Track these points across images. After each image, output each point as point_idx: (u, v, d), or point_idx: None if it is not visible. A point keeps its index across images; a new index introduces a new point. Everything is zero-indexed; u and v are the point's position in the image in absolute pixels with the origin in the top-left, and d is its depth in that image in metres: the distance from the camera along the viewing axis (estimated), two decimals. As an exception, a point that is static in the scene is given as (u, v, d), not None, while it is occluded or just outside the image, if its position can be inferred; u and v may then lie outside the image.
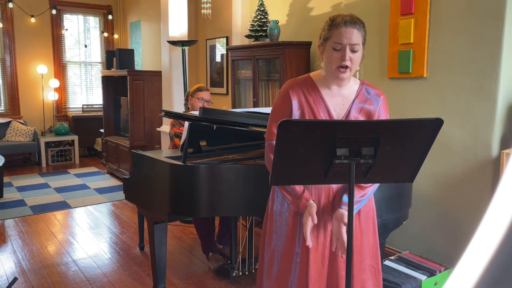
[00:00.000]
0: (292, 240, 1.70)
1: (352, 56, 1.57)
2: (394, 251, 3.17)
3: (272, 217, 1.76)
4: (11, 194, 5.20)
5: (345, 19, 1.56)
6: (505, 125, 2.62)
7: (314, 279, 1.68)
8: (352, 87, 1.68)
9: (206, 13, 4.37)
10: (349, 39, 1.55)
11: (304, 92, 1.66)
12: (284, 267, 1.72)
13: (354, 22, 1.56)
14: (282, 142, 1.34)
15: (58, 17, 7.42)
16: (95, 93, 7.89)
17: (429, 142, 1.38)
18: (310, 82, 1.68)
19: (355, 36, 1.55)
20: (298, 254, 1.69)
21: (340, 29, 1.55)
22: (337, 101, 1.66)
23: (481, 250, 0.36)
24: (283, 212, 1.73)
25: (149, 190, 2.64)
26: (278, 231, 1.74)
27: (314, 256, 1.66)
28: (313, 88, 1.66)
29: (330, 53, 1.58)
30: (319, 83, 1.67)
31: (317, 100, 1.65)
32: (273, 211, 1.76)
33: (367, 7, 3.29)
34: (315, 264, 1.67)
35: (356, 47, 1.56)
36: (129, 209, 4.65)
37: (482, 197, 2.66)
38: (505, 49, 2.52)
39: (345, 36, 1.54)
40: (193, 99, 3.45)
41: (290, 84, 1.70)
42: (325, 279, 1.70)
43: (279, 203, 1.74)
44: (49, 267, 3.24)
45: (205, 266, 3.24)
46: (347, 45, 1.55)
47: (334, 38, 1.56)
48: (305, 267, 1.67)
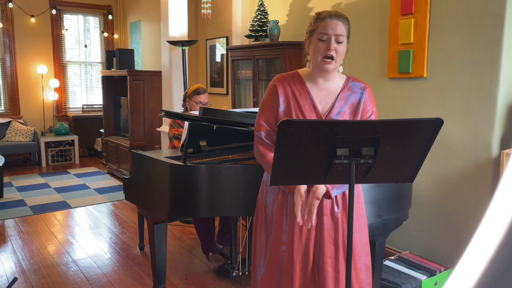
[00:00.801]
0: (280, 231, 1.76)
1: (337, 47, 1.64)
2: (394, 251, 3.17)
3: (262, 209, 1.83)
4: (11, 194, 5.20)
5: (330, 13, 1.66)
6: (505, 125, 2.62)
7: (299, 269, 1.73)
8: (338, 82, 1.75)
9: (206, 13, 4.37)
10: (334, 30, 1.63)
11: (291, 85, 1.73)
12: (273, 256, 1.79)
13: (338, 16, 1.66)
14: (282, 142, 1.34)
15: (58, 17, 7.42)
16: (95, 93, 7.89)
17: (429, 142, 1.38)
18: (297, 76, 1.76)
19: (340, 27, 1.64)
20: (285, 244, 1.75)
21: (325, 20, 1.65)
22: (322, 94, 1.73)
23: (481, 250, 0.36)
24: (271, 204, 1.79)
25: (149, 190, 2.64)
26: (267, 222, 1.81)
27: (298, 247, 1.71)
28: (299, 82, 1.74)
29: (316, 44, 1.66)
30: (305, 77, 1.75)
31: (303, 93, 1.72)
32: (262, 204, 1.84)
33: (367, 7, 3.29)
34: (299, 254, 1.72)
35: (341, 38, 1.65)
36: (129, 209, 4.65)
37: (482, 197, 2.66)
38: (505, 49, 2.52)
39: (330, 26, 1.63)
40: (191, 102, 3.42)
41: (277, 78, 1.78)
42: (310, 271, 1.74)
43: (268, 196, 1.81)
44: (49, 267, 3.24)
45: (205, 266, 3.24)
46: (332, 35, 1.63)
47: (320, 29, 1.65)
48: (290, 256, 1.73)
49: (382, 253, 2.47)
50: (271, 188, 1.78)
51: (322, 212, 1.71)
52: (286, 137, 1.33)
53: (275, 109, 1.72)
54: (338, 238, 1.71)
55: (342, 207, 1.72)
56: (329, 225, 1.71)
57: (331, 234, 1.72)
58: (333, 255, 1.71)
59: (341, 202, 1.73)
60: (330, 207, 1.72)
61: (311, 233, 1.71)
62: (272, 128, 1.75)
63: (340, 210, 1.72)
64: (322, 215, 1.71)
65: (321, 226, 1.71)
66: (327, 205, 1.71)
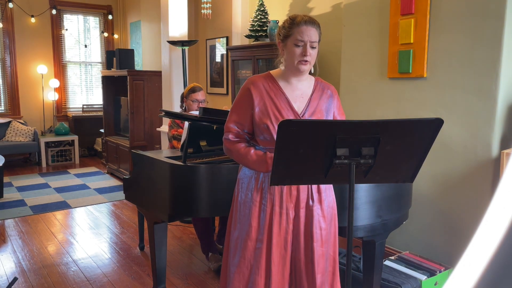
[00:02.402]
0: (256, 228, 1.80)
1: (311, 51, 1.74)
2: (394, 251, 3.17)
3: (237, 207, 1.87)
4: (11, 194, 5.20)
5: (305, 19, 1.74)
6: (505, 125, 2.61)
7: (277, 262, 1.79)
8: (309, 82, 1.84)
9: (206, 13, 4.37)
10: (309, 37, 1.72)
11: (265, 86, 1.80)
12: (246, 253, 1.82)
13: (312, 22, 1.75)
14: (282, 142, 1.34)
15: (58, 17, 7.42)
16: (95, 93, 7.89)
17: (429, 142, 1.38)
18: (270, 77, 1.83)
19: (314, 34, 1.74)
20: (260, 241, 1.79)
21: (301, 27, 1.73)
22: (296, 94, 1.81)
23: (481, 250, 0.36)
24: (247, 201, 1.83)
25: (149, 190, 2.64)
26: (242, 220, 1.84)
27: (277, 241, 1.78)
28: (273, 82, 1.81)
29: (292, 48, 1.74)
30: (278, 78, 1.83)
31: (278, 93, 1.79)
32: (237, 201, 1.87)
33: (367, 7, 3.28)
34: (277, 248, 1.78)
35: (315, 44, 1.74)
36: (129, 209, 4.65)
37: (482, 197, 2.66)
38: (505, 49, 2.52)
39: (306, 33, 1.72)
40: (188, 101, 3.42)
41: (251, 80, 1.83)
42: (288, 262, 1.81)
43: (244, 193, 1.85)
44: (49, 267, 3.24)
45: (205, 266, 3.24)
46: (308, 42, 1.72)
47: (296, 35, 1.73)
48: (268, 251, 1.78)
49: (382, 253, 2.47)
50: (247, 186, 1.83)
51: (299, 205, 1.78)
52: (286, 137, 1.33)
53: (249, 110, 1.79)
54: (312, 230, 1.79)
55: (317, 200, 1.80)
56: (304, 218, 1.79)
57: (305, 226, 1.80)
58: (309, 247, 1.79)
59: (316, 196, 1.80)
60: (306, 201, 1.79)
61: (289, 227, 1.79)
62: (243, 128, 1.82)
63: (315, 203, 1.79)
64: (298, 208, 1.78)
65: (298, 218, 1.79)
66: (303, 199, 1.78)
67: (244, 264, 1.82)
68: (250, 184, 1.82)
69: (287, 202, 1.78)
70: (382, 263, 2.54)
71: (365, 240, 2.41)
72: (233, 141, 1.83)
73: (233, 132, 1.83)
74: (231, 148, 1.83)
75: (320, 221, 1.80)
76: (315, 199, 1.80)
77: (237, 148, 1.80)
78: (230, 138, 1.83)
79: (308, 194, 1.79)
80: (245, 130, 1.82)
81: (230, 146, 1.83)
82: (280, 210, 1.78)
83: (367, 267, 2.47)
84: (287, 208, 1.78)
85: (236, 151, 1.81)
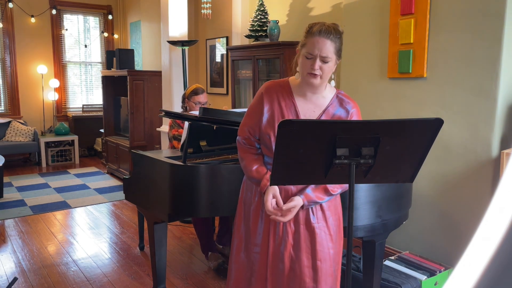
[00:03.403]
0: (254, 232, 1.77)
1: (322, 65, 1.61)
2: (394, 251, 3.17)
3: (241, 206, 1.85)
4: (11, 194, 5.20)
5: (321, 29, 1.60)
6: (505, 125, 2.61)
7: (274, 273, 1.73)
8: (326, 96, 1.73)
9: (206, 13, 4.37)
10: (320, 51, 1.59)
11: (279, 96, 1.72)
12: (247, 255, 1.81)
13: (328, 33, 1.60)
14: (282, 142, 1.34)
15: (58, 17, 7.42)
16: (95, 93, 7.89)
17: (429, 142, 1.37)
18: (286, 86, 1.74)
19: (327, 47, 1.59)
20: (258, 245, 1.76)
21: (313, 38, 1.60)
22: (308, 107, 1.71)
23: (481, 250, 0.36)
24: (249, 202, 1.80)
25: (149, 190, 2.64)
26: (245, 220, 1.82)
27: (273, 251, 1.72)
28: (288, 93, 1.72)
29: (303, 59, 1.64)
30: (295, 88, 1.73)
31: (289, 104, 1.71)
32: (242, 200, 1.85)
33: (367, 7, 3.28)
34: (274, 258, 1.73)
35: (327, 59, 1.60)
36: (129, 209, 4.65)
37: (482, 197, 2.66)
38: (505, 49, 2.52)
39: (316, 47, 1.59)
40: (190, 103, 3.42)
41: (267, 86, 1.76)
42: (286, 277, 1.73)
43: (246, 194, 1.83)
44: (49, 267, 3.24)
45: (205, 266, 3.24)
46: (318, 56, 1.59)
47: (307, 47, 1.61)
48: (263, 259, 1.74)
49: (382, 253, 2.47)
50: (250, 188, 1.81)
51: (299, 221, 1.71)
52: (286, 137, 1.33)
53: (259, 116, 1.73)
54: (316, 249, 1.70)
55: (321, 218, 1.71)
56: (305, 235, 1.71)
57: (308, 244, 1.71)
58: (311, 265, 1.71)
59: (319, 213, 1.71)
60: (305, 217, 1.71)
61: (287, 240, 1.71)
62: (254, 133, 1.76)
63: (318, 221, 1.71)
64: (298, 224, 1.71)
65: (298, 235, 1.71)
66: (302, 215, 1.70)
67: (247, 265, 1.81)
68: (252, 186, 1.80)
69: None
70: (382, 263, 2.54)
71: (365, 240, 2.41)
72: (244, 148, 1.79)
73: (244, 137, 1.79)
74: (240, 155, 1.80)
75: (327, 240, 1.72)
76: (318, 217, 1.72)
77: (243, 157, 1.77)
78: (241, 142, 1.80)
79: (308, 210, 1.71)
80: (256, 136, 1.76)
81: (240, 153, 1.80)
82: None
83: (367, 267, 2.47)
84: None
85: (242, 159, 1.78)
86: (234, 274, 1.86)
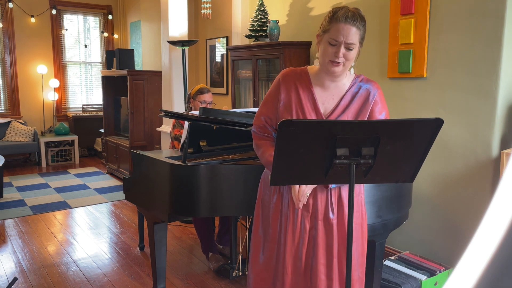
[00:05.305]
0: (275, 229, 1.75)
1: (346, 53, 1.56)
2: (394, 251, 3.17)
3: (260, 206, 1.82)
4: (11, 194, 5.20)
5: (347, 15, 1.54)
6: (505, 125, 2.61)
7: (290, 272, 1.70)
8: (345, 84, 1.68)
9: (206, 13, 4.36)
10: (345, 37, 1.53)
11: (297, 83, 1.68)
12: (269, 254, 1.77)
13: (355, 19, 1.54)
14: (282, 142, 1.34)
15: (58, 17, 7.42)
16: (95, 93, 7.89)
17: (429, 142, 1.37)
18: (305, 74, 1.70)
19: (353, 34, 1.54)
20: (280, 243, 1.73)
21: (339, 24, 1.53)
22: (327, 95, 1.67)
23: (481, 250, 0.36)
24: (269, 201, 1.78)
25: (149, 190, 2.64)
26: (264, 220, 1.80)
27: (291, 249, 1.69)
28: (306, 81, 1.68)
29: (326, 46, 1.58)
30: (313, 76, 1.69)
31: (306, 91, 1.67)
32: (260, 200, 1.83)
33: (367, 7, 3.28)
34: (290, 257, 1.70)
35: (352, 46, 1.55)
36: (129, 209, 4.65)
37: (482, 197, 2.66)
38: (505, 49, 2.52)
39: (342, 33, 1.53)
40: (195, 102, 3.41)
41: (284, 72, 1.73)
42: (303, 275, 1.70)
43: (265, 193, 1.80)
44: (49, 267, 3.24)
45: (205, 266, 3.24)
46: (343, 43, 1.54)
47: (331, 33, 1.55)
48: (283, 257, 1.72)
49: (382, 253, 2.47)
50: (268, 187, 1.78)
51: (317, 216, 1.67)
52: (286, 137, 1.33)
53: (276, 103, 1.70)
54: (333, 246, 1.67)
55: (337, 214, 1.67)
56: (323, 231, 1.67)
57: (324, 240, 1.67)
58: (325, 263, 1.68)
59: (336, 208, 1.67)
60: (324, 212, 1.67)
61: (304, 237, 1.68)
62: (271, 122, 1.74)
63: (335, 217, 1.67)
64: (316, 220, 1.67)
65: (315, 231, 1.67)
66: (321, 210, 1.67)
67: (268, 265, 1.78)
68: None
69: (303, 211, 1.67)
70: (382, 263, 2.54)
71: (365, 240, 2.41)
72: (260, 136, 1.76)
73: (259, 126, 1.75)
74: (256, 142, 1.75)
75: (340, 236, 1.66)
76: (335, 212, 1.66)
77: (260, 144, 1.73)
78: (256, 131, 1.76)
79: (327, 204, 1.66)
80: (273, 126, 1.72)
81: (256, 141, 1.76)
82: (294, 218, 1.67)
83: (367, 267, 2.46)
84: (303, 217, 1.68)
85: (259, 147, 1.74)
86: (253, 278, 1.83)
